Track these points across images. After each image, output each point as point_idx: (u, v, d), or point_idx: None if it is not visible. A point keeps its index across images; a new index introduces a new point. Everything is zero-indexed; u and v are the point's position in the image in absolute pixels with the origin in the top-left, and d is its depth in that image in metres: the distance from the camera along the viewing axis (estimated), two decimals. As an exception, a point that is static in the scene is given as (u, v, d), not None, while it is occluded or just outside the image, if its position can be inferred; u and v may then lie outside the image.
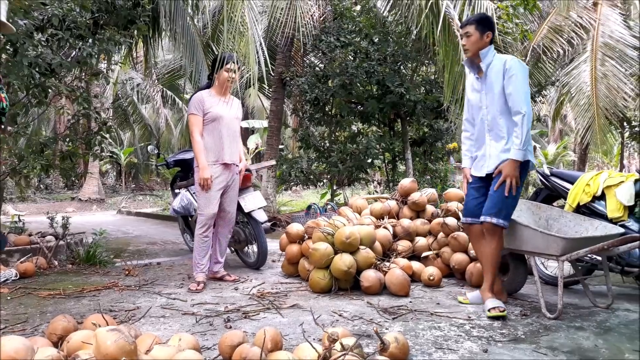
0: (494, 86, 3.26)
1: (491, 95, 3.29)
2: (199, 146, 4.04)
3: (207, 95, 4.19)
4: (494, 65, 3.28)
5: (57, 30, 4.68)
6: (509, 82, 3.18)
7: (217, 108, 4.13)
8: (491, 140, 3.33)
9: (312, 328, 2.92)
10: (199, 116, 4.10)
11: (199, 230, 4.12)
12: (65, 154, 5.78)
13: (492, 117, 3.30)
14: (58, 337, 2.40)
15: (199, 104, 4.12)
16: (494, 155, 3.31)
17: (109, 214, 13.66)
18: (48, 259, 4.92)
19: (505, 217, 3.19)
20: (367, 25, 8.68)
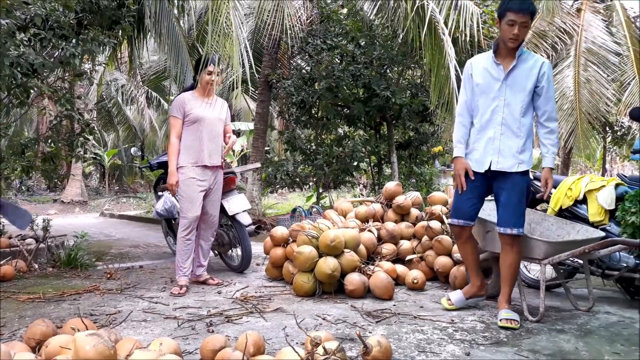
0: (524, 82, 3.09)
1: (517, 89, 3.10)
2: (172, 149, 4.05)
3: (190, 97, 4.17)
4: (526, 59, 3.12)
5: (39, 30, 4.61)
6: (549, 86, 3.09)
7: (198, 110, 4.10)
8: (503, 135, 3.11)
9: (296, 332, 2.91)
10: (178, 119, 4.09)
11: (181, 233, 4.08)
12: (47, 156, 5.69)
13: (511, 113, 3.10)
14: (36, 342, 2.36)
15: (180, 106, 4.11)
16: (507, 153, 3.11)
17: (91, 217, 13.50)
18: (28, 262, 4.84)
19: (522, 224, 3.12)
20: (354, 29, 8.70)
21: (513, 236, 3.08)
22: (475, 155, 3.21)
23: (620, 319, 3.26)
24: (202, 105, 4.15)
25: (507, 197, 3.11)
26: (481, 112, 3.18)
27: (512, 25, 3.00)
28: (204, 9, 9.98)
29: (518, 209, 3.09)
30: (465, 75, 3.28)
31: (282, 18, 8.04)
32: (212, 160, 4.15)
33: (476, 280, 3.41)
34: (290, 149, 9.32)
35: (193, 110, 4.08)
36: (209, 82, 4.13)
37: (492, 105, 3.14)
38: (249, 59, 6.36)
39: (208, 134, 4.11)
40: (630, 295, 3.73)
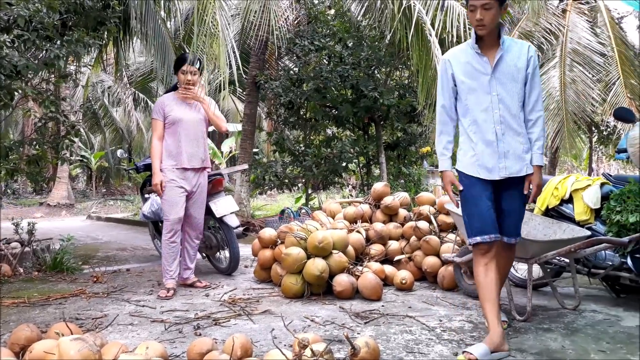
0: (514, 72, 2.72)
1: (508, 81, 2.72)
2: (154, 151, 4.05)
3: (170, 98, 4.16)
4: (511, 47, 2.75)
5: (23, 31, 4.55)
6: (535, 72, 2.75)
7: (177, 111, 4.08)
8: (504, 135, 2.71)
9: (284, 334, 2.90)
10: (159, 121, 4.07)
11: (165, 235, 4.06)
12: (32, 158, 5.63)
13: (507, 109, 2.71)
14: (20, 347, 2.32)
15: (160, 108, 4.10)
16: (512, 156, 2.72)
17: (78, 220, 13.37)
18: (13, 266, 4.78)
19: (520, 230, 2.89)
20: (341, 30, 8.71)
21: (513, 245, 2.88)
22: (481, 160, 2.74)
23: (606, 317, 3.29)
24: (182, 106, 4.11)
25: (511, 204, 2.77)
26: (473, 113, 2.76)
27: (473, 11, 2.66)
28: (190, 10, 9.93)
29: (522, 217, 2.85)
30: (443, 75, 2.85)
31: (269, 19, 8.02)
32: (192, 162, 4.10)
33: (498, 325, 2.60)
34: (279, 150, 9.31)
35: (172, 112, 4.06)
36: (185, 82, 4.08)
37: (484, 103, 2.73)
38: (236, 60, 6.34)
39: (186, 135, 4.07)
40: (616, 293, 3.76)
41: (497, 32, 2.73)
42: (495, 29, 2.70)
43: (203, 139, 4.20)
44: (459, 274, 3.91)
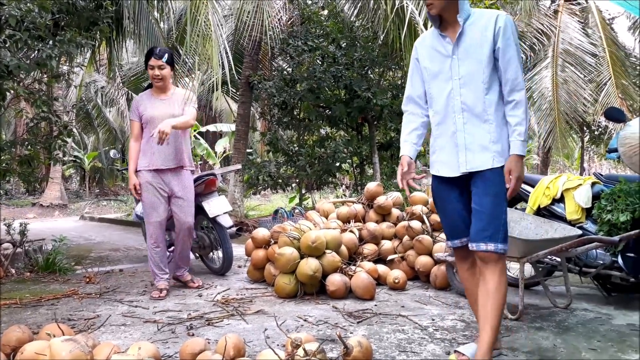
0: (478, 50, 2.32)
1: (471, 62, 2.34)
2: (130, 153, 3.98)
3: (145, 97, 4.04)
4: (477, 21, 2.35)
5: (14, 31, 4.53)
6: (508, 45, 2.29)
7: (149, 110, 3.95)
8: (466, 124, 2.35)
9: (277, 334, 2.90)
10: (135, 121, 3.99)
11: (148, 240, 3.99)
12: (24, 158, 5.60)
13: (471, 93, 2.33)
14: (12, 349, 2.32)
15: (135, 107, 4.01)
16: (475, 147, 2.34)
17: (71, 220, 13.31)
18: (5, 267, 4.76)
19: (504, 239, 2.28)
20: (335, 30, 8.72)
21: (492, 254, 2.26)
22: (442, 157, 2.45)
23: (597, 316, 3.32)
24: (155, 104, 3.97)
25: (480, 201, 2.32)
26: (436, 101, 2.45)
27: None
28: (183, 10, 9.92)
29: (495, 217, 2.28)
30: (411, 63, 2.60)
31: (263, 19, 8.02)
32: (167, 162, 3.94)
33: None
34: (273, 150, 9.30)
35: (145, 110, 3.95)
36: (154, 78, 3.92)
37: (446, 90, 2.40)
38: (230, 60, 6.32)
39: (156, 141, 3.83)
40: (607, 292, 3.79)
41: (456, 8, 2.36)
42: (452, 4, 2.34)
43: (177, 136, 3.96)
44: (452, 273, 3.93)
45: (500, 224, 2.28)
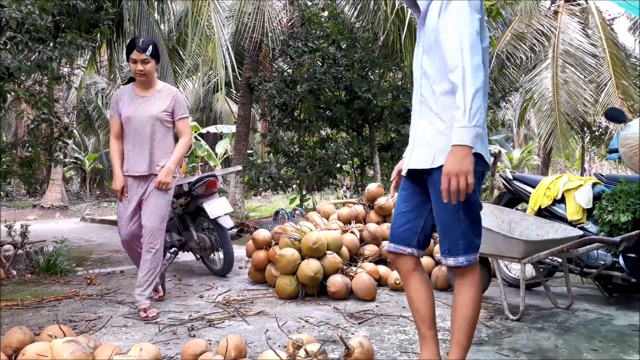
0: (430, 33, 2.00)
1: (427, 49, 2.04)
2: (111, 152, 3.54)
3: (126, 92, 3.55)
4: (434, 5, 2.00)
5: (15, 33, 4.54)
6: (444, 20, 1.93)
7: (127, 108, 3.46)
8: (420, 117, 2.07)
9: (278, 335, 2.90)
10: (115, 118, 3.51)
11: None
12: (25, 160, 5.61)
13: (428, 83, 2.04)
14: (13, 350, 2.32)
15: (114, 103, 3.55)
16: (422, 142, 2.04)
17: (72, 222, 13.31)
18: (6, 269, 4.76)
19: (467, 250, 1.97)
20: (335, 31, 8.73)
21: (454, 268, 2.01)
22: (406, 152, 2.17)
23: (599, 316, 3.32)
24: (135, 102, 3.48)
25: (436, 208, 2.03)
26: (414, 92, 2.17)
27: None
28: (184, 12, 9.94)
29: (449, 228, 1.99)
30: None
31: (263, 21, 8.04)
32: (138, 168, 3.42)
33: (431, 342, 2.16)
34: (273, 151, 9.32)
35: (124, 109, 3.47)
36: (137, 73, 3.42)
37: (416, 80, 2.12)
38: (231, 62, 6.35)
39: (133, 136, 3.44)
40: (608, 292, 3.79)
41: None
42: None
43: (154, 140, 3.45)
44: (451, 274, 3.93)
45: (457, 235, 1.97)
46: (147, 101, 3.48)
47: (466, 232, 1.97)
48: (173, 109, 3.51)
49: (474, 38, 1.86)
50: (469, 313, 2.00)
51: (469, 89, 1.81)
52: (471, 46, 1.85)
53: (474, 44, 1.86)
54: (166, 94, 3.52)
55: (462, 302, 2.01)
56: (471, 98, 1.80)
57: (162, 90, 3.53)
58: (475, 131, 1.80)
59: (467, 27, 1.87)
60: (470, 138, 1.80)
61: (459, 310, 2.02)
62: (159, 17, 8.33)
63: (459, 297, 2.03)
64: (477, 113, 1.80)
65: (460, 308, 2.02)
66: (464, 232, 1.97)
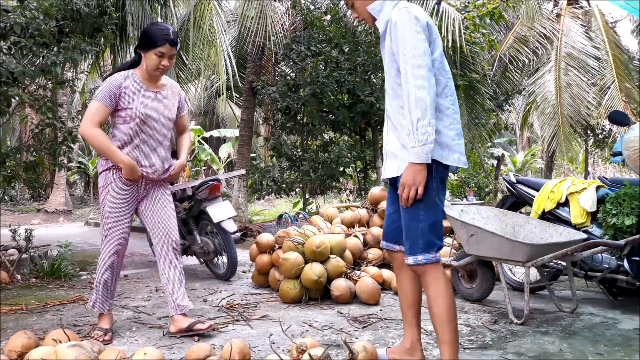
0: (385, 51, 2.22)
1: (386, 66, 2.25)
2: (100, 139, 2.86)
3: (131, 81, 2.96)
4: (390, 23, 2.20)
5: (19, 38, 4.57)
6: (395, 39, 2.11)
7: (143, 105, 2.96)
8: (388, 131, 2.30)
9: (282, 339, 2.90)
10: (106, 107, 2.89)
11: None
12: (29, 165, 5.63)
13: (389, 99, 2.28)
14: (18, 355, 2.32)
15: (113, 92, 2.89)
16: (390, 153, 2.26)
17: (76, 226, 13.35)
18: (10, 273, 4.77)
19: (426, 248, 2.14)
20: (338, 35, 8.75)
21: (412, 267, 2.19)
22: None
23: (604, 320, 3.30)
24: (149, 99, 2.99)
25: (401, 210, 2.22)
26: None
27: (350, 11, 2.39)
28: (186, 17, 9.97)
29: (409, 229, 2.17)
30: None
31: (266, 25, 8.07)
32: (148, 169, 3.03)
33: (409, 336, 2.40)
34: (276, 155, 9.33)
35: (134, 103, 2.93)
36: (160, 68, 2.94)
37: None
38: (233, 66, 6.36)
39: (145, 135, 3.01)
40: (613, 296, 3.77)
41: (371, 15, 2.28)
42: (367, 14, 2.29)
43: (165, 141, 3.12)
44: (456, 277, 3.92)
45: (417, 235, 2.14)
46: (160, 98, 3.05)
47: (425, 233, 2.14)
48: (178, 106, 3.20)
49: (418, 60, 2.04)
50: (440, 309, 2.13)
51: (413, 113, 2.03)
52: (414, 70, 2.04)
53: (418, 67, 2.03)
54: (172, 90, 3.17)
55: (432, 301, 2.15)
56: (416, 122, 2.03)
57: (168, 86, 3.14)
58: (425, 148, 2.04)
59: (410, 50, 2.06)
60: (421, 156, 2.05)
61: (432, 309, 2.16)
62: (162, 21, 8.37)
63: (428, 297, 2.18)
64: (425, 132, 2.03)
65: (432, 307, 2.15)
66: (422, 233, 2.14)
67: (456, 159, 2.19)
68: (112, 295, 3.13)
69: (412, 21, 2.08)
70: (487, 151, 15.87)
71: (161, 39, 2.88)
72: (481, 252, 3.40)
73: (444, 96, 2.17)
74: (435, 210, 2.16)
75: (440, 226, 2.20)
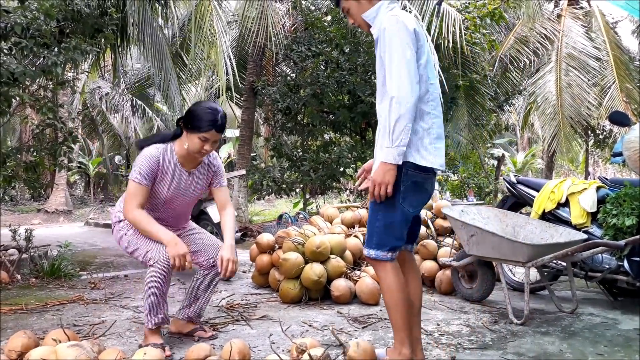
0: (378, 59, 2.29)
1: (377, 71, 2.32)
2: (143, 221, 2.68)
3: (170, 160, 2.81)
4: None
5: (20, 39, 4.57)
6: (383, 48, 2.21)
7: (172, 187, 2.83)
8: (377, 134, 2.31)
9: (282, 339, 2.90)
10: (144, 187, 2.72)
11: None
12: (29, 165, 5.63)
13: (377, 102, 2.34)
14: (18, 354, 2.32)
15: (151, 170, 2.73)
16: (376, 156, 2.29)
17: (76, 226, 13.35)
18: (10, 273, 4.77)
19: (378, 245, 2.28)
20: (338, 36, 8.75)
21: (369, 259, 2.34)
22: None
23: (604, 320, 3.30)
24: (180, 179, 2.85)
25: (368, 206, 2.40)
26: None
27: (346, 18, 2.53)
28: (187, 17, 9.98)
29: (369, 224, 2.34)
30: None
31: (266, 25, 8.07)
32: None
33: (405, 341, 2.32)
34: (277, 155, 9.33)
35: (164, 183, 2.81)
36: (201, 152, 2.76)
37: None
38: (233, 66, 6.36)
39: (165, 211, 2.92)
40: (613, 296, 3.77)
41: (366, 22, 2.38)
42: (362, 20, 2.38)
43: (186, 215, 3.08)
44: (457, 278, 3.92)
45: (373, 231, 2.31)
46: (192, 178, 2.91)
47: (380, 231, 2.28)
48: (212, 181, 3.03)
49: (402, 65, 2.14)
50: (386, 299, 2.32)
51: (392, 115, 2.13)
52: (398, 74, 2.14)
53: (402, 72, 2.13)
54: (208, 166, 2.99)
55: (382, 291, 2.35)
56: (393, 124, 2.13)
57: (205, 163, 2.97)
58: (397, 150, 2.14)
59: (396, 55, 2.15)
60: (392, 156, 2.15)
61: (383, 297, 2.35)
62: (162, 21, 8.37)
63: (380, 287, 2.43)
64: (400, 135, 2.12)
65: (383, 296, 2.34)
66: (377, 231, 2.29)
67: (431, 161, 2.26)
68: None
69: (400, 27, 2.17)
70: (487, 151, 15.87)
71: (207, 124, 2.71)
72: (481, 252, 3.41)
73: (425, 101, 2.25)
74: (394, 212, 2.26)
75: (398, 228, 2.28)
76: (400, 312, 2.28)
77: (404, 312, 2.28)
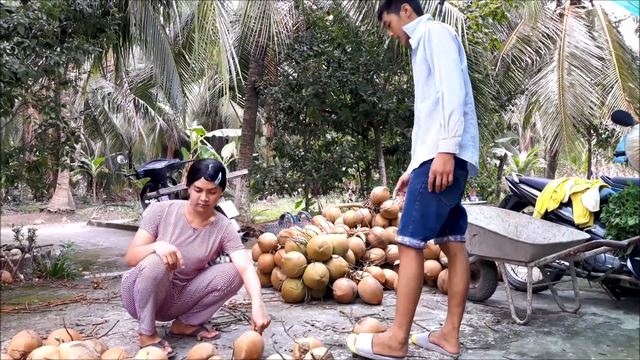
0: (416, 63, 2.56)
1: (416, 74, 2.58)
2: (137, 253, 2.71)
3: (176, 214, 2.91)
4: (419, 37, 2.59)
5: (23, 39, 4.59)
6: (430, 50, 2.43)
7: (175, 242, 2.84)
8: (417, 130, 2.60)
9: (284, 339, 2.90)
10: (148, 235, 2.82)
11: None
12: (32, 165, 5.64)
13: (418, 102, 2.58)
14: (21, 354, 2.33)
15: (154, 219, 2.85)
16: (416, 151, 2.58)
17: (79, 226, 13.38)
18: (13, 273, 4.78)
19: (413, 233, 2.44)
20: (340, 35, 8.75)
21: (399, 244, 2.50)
22: None
23: (606, 320, 3.30)
24: (185, 235, 2.88)
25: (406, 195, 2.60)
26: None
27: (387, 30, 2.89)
28: (189, 16, 9.98)
29: (405, 213, 2.50)
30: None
31: (269, 25, 8.07)
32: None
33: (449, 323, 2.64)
34: (279, 155, 9.33)
35: (165, 236, 2.84)
36: (200, 203, 2.81)
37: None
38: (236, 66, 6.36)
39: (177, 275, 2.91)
40: (616, 296, 3.77)
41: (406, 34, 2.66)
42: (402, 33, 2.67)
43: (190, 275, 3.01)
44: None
45: (409, 220, 2.47)
46: (198, 237, 2.91)
47: (415, 221, 2.45)
48: (222, 244, 2.99)
49: (452, 64, 2.37)
50: (401, 284, 2.47)
51: (446, 109, 2.33)
52: (448, 73, 2.35)
53: (452, 70, 2.36)
54: (218, 229, 2.97)
55: (400, 276, 2.49)
56: (448, 117, 2.32)
57: (215, 224, 2.97)
58: (454, 140, 2.33)
59: (445, 56, 2.39)
60: (450, 146, 2.33)
61: (398, 283, 2.51)
62: (164, 21, 8.38)
63: (399, 272, 2.52)
64: (455, 126, 2.32)
65: (399, 281, 2.49)
66: (414, 220, 2.46)
67: (469, 157, 2.44)
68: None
69: (447, 33, 2.44)
70: (489, 151, 15.86)
71: (199, 174, 2.80)
72: (484, 252, 3.40)
73: (465, 103, 2.43)
74: (431, 203, 2.44)
75: (433, 219, 2.47)
76: (410, 300, 2.44)
77: (413, 300, 2.45)
